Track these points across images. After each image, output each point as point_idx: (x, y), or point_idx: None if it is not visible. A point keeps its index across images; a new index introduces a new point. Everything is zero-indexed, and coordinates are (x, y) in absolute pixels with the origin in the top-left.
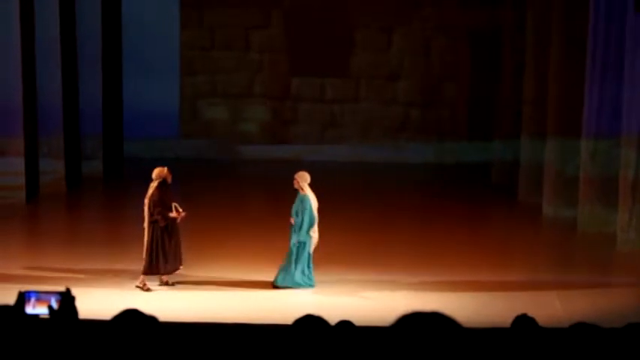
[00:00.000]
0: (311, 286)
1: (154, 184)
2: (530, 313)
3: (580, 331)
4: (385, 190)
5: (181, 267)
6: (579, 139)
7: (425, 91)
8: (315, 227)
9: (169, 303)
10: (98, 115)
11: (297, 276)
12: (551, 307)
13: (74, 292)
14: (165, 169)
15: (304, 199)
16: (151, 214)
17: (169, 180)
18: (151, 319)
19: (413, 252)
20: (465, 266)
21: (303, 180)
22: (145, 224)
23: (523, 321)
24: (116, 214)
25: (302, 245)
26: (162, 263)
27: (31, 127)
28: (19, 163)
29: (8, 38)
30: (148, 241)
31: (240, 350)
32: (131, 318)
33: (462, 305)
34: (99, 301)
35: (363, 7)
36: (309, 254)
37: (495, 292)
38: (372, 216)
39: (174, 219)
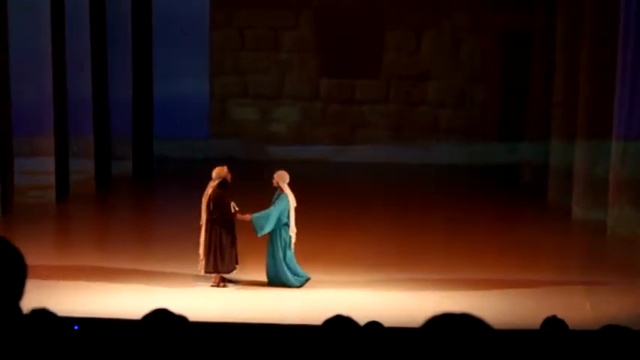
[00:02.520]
0: (290, 285)
1: (213, 184)
2: (560, 315)
3: (610, 334)
4: (414, 190)
5: (237, 267)
6: (609, 141)
7: (455, 92)
8: (293, 226)
9: (199, 303)
10: (128, 115)
11: (287, 274)
12: (581, 309)
13: (104, 291)
14: (225, 168)
15: (282, 198)
16: (209, 213)
17: (229, 179)
18: (181, 319)
19: (441, 252)
20: (494, 267)
21: (282, 179)
22: (202, 222)
23: (553, 323)
24: (146, 214)
25: (280, 243)
26: (219, 262)
27: (62, 126)
28: (49, 163)
29: (39, 38)
30: (205, 239)
31: (270, 350)
32: (161, 318)
33: (491, 305)
34: (128, 301)
35: (393, 7)
36: (290, 252)
37: (524, 293)
38: (401, 216)
39: (233, 219)
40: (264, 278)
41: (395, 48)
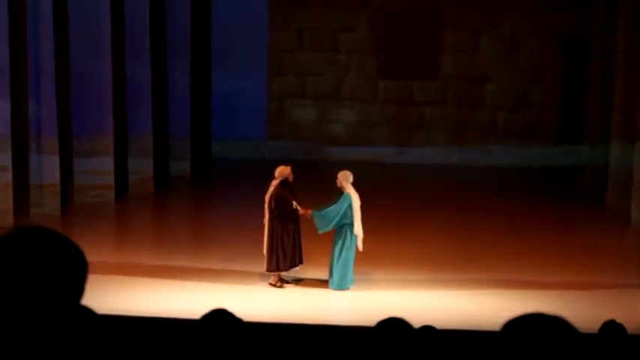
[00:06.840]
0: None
1: (275, 182)
2: (618, 319)
3: None
4: (471, 192)
5: (301, 265)
6: None
7: (513, 94)
8: (357, 226)
9: (252, 302)
10: (186, 116)
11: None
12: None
13: (162, 290)
14: (289, 168)
15: (344, 197)
16: (271, 211)
17: (291, 179)
18: (239, 320)
19: (497, 254)
20: (551, 269)
21: (345, 179)
22: (265, 220)
23: (611, 327)
24: (203, 214)
25: (342, 243)
26: (281, 260)
27: (121, 127)
28: (108, 163)
29: (99, 41)
30: (268, 238)
31: (323, 351)
32: (219, 318)
33: (548, 308)
34: (187, 301)
35: (452, 9)
36: (351, 253)
37: (582, 296)
38: (458, 217)
39: (295, 216)
40: (322, 277)
41: (453, 49)
